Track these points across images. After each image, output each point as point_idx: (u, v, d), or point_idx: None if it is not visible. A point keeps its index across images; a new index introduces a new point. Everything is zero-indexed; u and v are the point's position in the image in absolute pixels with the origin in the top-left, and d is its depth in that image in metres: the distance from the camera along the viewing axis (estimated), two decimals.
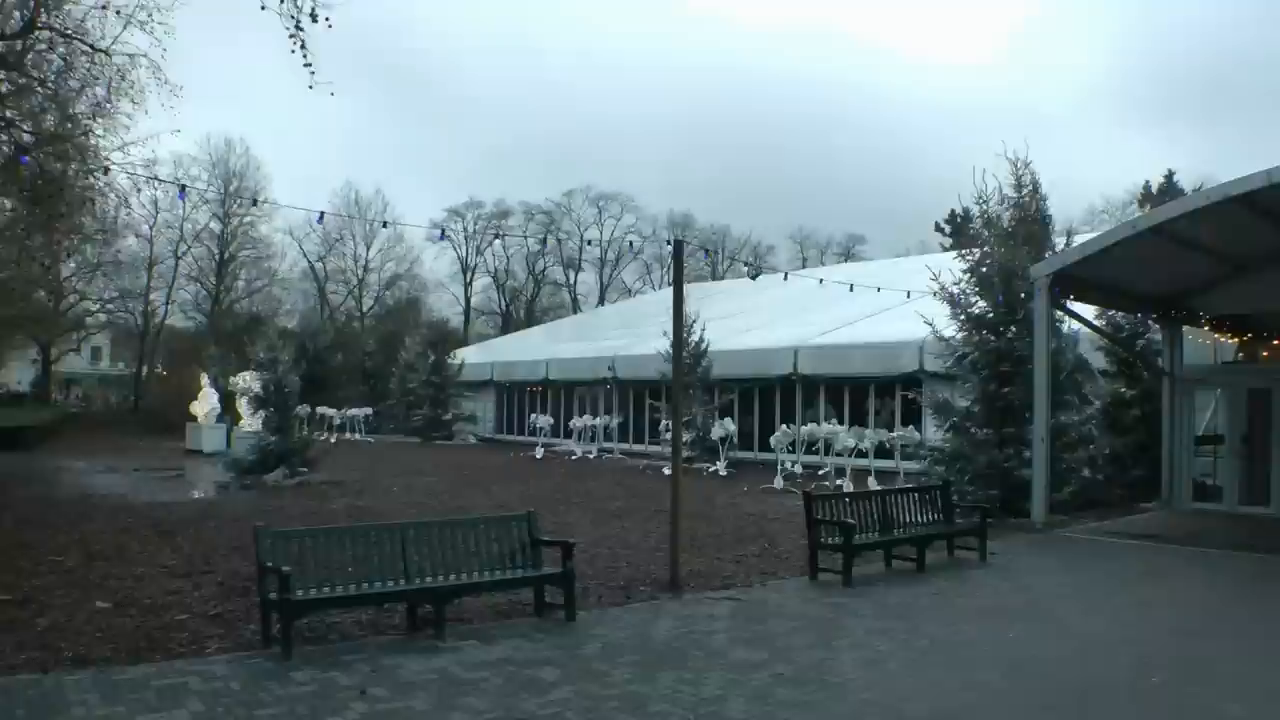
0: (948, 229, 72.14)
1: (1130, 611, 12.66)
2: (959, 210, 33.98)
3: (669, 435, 17.41)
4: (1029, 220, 23.56)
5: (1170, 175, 68.20)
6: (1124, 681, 9.44)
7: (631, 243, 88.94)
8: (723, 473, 30.18)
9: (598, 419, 39.03)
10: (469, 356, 52.69)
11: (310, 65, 16.31)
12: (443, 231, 66.57)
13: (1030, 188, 23.79)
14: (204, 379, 41.53)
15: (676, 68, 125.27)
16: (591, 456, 37.25)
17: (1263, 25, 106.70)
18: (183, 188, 23.21)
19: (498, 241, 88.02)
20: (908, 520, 15.82)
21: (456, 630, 10.74)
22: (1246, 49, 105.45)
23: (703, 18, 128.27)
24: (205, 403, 40.08)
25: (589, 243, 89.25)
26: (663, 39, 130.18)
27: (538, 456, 37.13)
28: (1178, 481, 23.27)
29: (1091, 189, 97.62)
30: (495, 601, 12.05)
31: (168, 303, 69.78)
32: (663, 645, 10.43)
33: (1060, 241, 23.79)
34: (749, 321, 40.19)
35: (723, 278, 78.91)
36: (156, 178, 28.59)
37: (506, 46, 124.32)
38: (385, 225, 68.59)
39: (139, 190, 27.80)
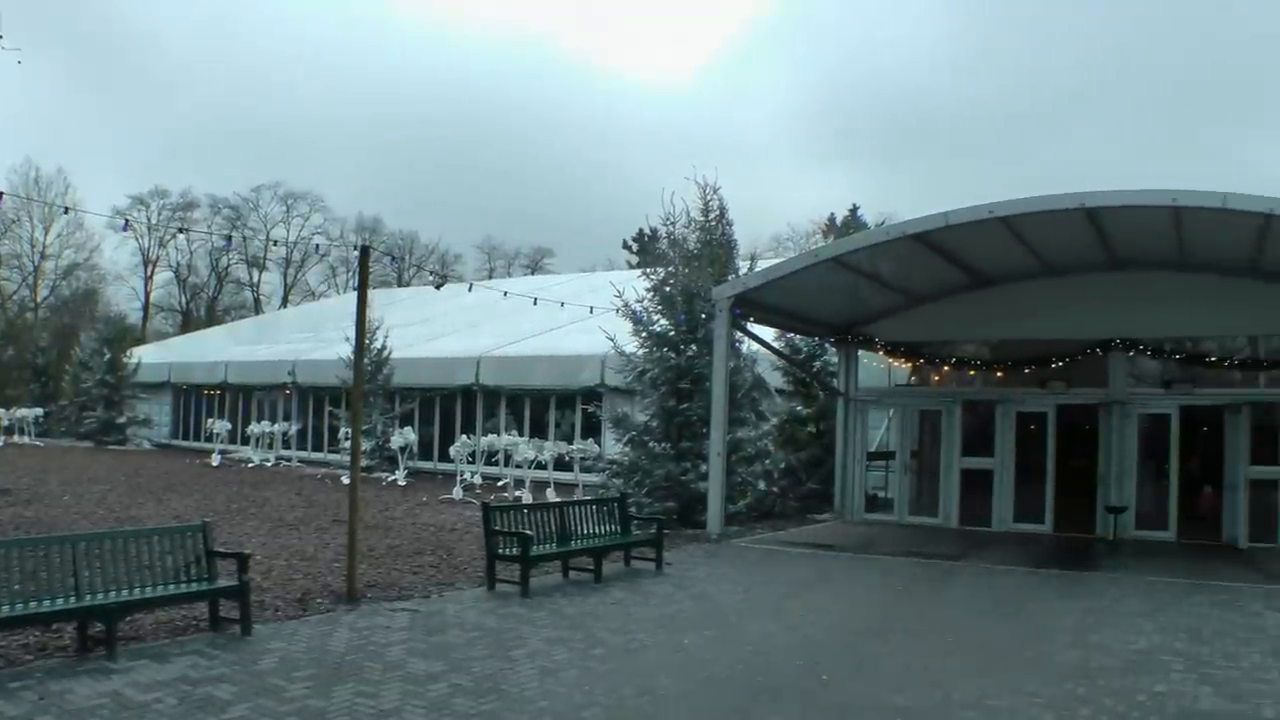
0: (635, 247, 73.45)
1: (802, 615, 12.97)
2: (648, 230, 34.62)
3: (349, 443, 16.98)
4: (714, 243, 24.32)
5: (855, 209, 71.48)
6: (796, 681, 9.66)
7: (318, 245, 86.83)
8: (402, 482, 29.83)
9: (277, 425, 37.70)
10: (146, 356, 50.13)
11: None
12: (126, 221, 63.08)
13: (717, 212, 24.60)
14: None
15: (376, 70, 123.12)
16: (270, 464, 36.06)
17: (951, 71, 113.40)
18: None
19: (181, 235, 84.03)
20: (585, 531, 15.91)
21: (130, 649, 10.01)
22: (933, 92, 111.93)
23: (408, 25, 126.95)
24: None
25: (274, 242, 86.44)
26: (368, 41, 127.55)
27: (214, 464, 35.61)
28: (850, 494, 24.49)
29: (780, 216, 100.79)
30: (170, 617, 11.39)
31: None
32: (340, 658, 10.08)
33: (744, 265, 24.65)
34: (432, 330, 40.08)
35: (409, 284, 78.17)
36: None
37: (209, 29, 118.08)
38: (67, 211, 64.04)
39: None
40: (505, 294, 26.68)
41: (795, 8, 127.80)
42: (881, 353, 24.50)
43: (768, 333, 24.29)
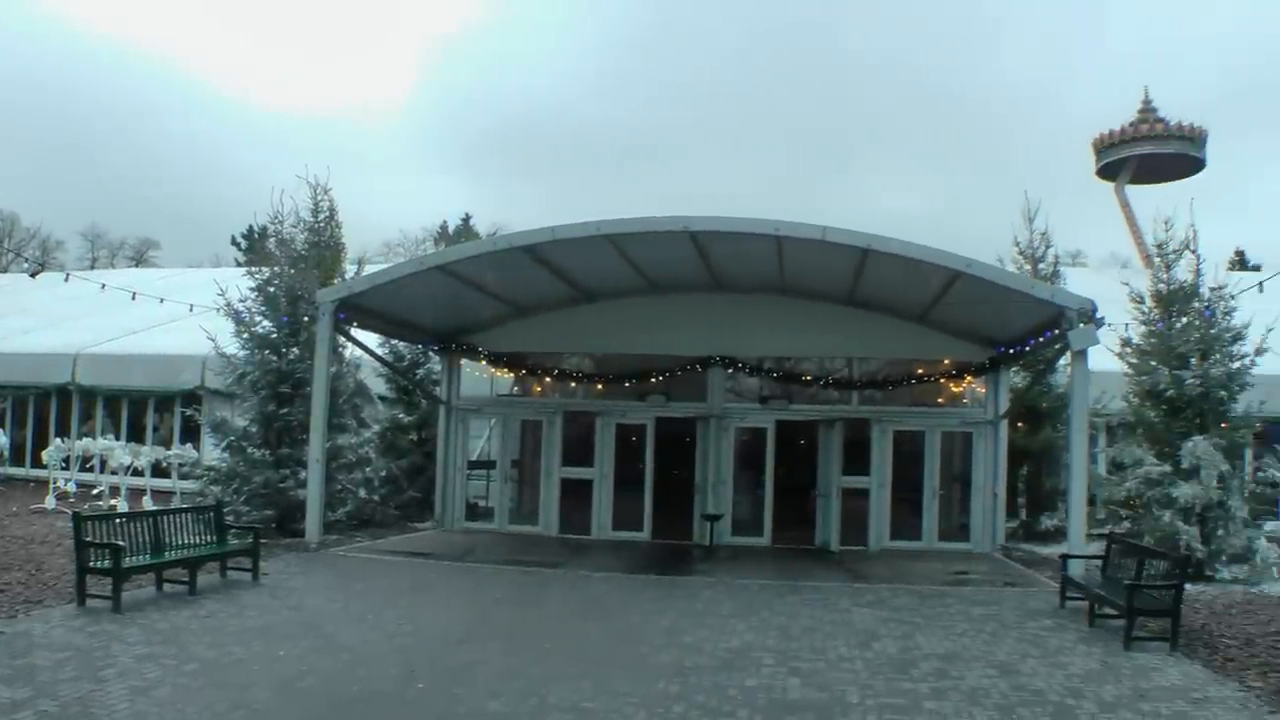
0: (244, 245, 71.41)
1: (400, 624, 12.94)
2: (257, 227, 33.75)
3: None
4: (322, 245, 23.90)
5: (467, 218, 72.11)
6: (392, 690, 9.65)
7: None
8: None
9: None
10: None
11: None
12: None
13: (327, 214, 24.16)
14: None
15: None
16: None
17: (578, 97, 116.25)
18: None
19: None
20: (181, 541, 15.41)
21: None
22: (560, 115, 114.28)
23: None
24: None
25: None
26: None
27: None
28: (451, 502, 24.56)
29: (394, 223, 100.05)
30: None
31: None
32: None
33: (353, 270, 24.20)
34: (27, 322, 37.23)
35: (6, 270, 72.74)
36: None
37: None
38: None
39: None
40: (104, 286, 25.25)
41: (453, 33, 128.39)
42: (485, 362, 24.79)
43: (372, 339, 24.04)
